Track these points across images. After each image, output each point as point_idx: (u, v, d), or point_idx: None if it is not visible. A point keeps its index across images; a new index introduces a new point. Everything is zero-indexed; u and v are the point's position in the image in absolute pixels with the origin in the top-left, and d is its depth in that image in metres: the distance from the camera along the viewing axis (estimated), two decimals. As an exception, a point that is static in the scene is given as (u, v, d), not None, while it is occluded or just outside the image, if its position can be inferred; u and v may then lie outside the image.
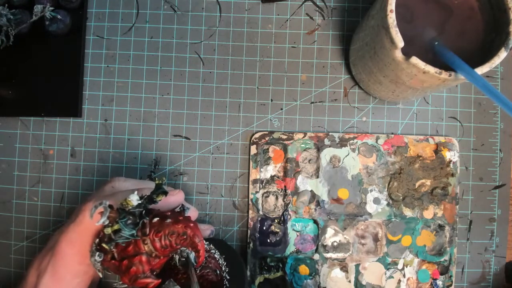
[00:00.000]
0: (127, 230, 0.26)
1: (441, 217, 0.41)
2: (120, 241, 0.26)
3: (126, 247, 0.26)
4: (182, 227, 0.27)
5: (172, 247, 0.27)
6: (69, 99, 0.42)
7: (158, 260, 0.27)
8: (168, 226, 0.26)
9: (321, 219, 0.41)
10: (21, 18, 0.40)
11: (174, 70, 0.43)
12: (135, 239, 0.26)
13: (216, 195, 0.42)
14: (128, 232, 0.26)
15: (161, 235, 0.26)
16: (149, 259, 0.26)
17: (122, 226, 0.26)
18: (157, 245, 0.26)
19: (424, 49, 0.31)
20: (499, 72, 0.43)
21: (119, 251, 0.26)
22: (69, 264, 0.29)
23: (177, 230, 0.26)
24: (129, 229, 0.26)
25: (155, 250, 0.26)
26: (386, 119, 0.43)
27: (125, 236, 0.26)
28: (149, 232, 0.26)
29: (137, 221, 0.26)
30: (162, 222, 0.27)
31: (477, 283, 0.42)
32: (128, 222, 0.26)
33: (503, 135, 0.43)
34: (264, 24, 0.43)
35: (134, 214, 0.26)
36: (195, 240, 0.27)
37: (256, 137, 0.41)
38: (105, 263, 0.27)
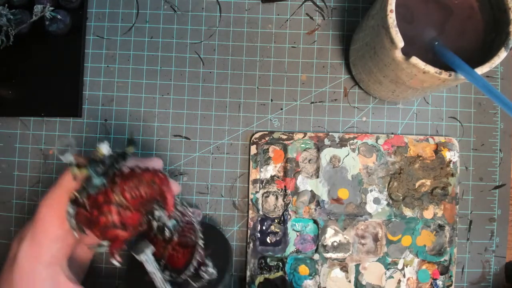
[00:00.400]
0: (97, 179, 0.26)
1: (441, 217, 0.41)
2: (91, 191, 0.26)
3: (97, 197, 0.26)
4: (150, 175, 0.27)
5: (141, 197, 0.27)
6: (69, 99, 0.42)
7: (130, 213, 0.27)
8: (138, 176, 0.27)
9: (321, 219, 0.41)
10: (21, 18, 0.40)
11: (174, 70, 0.43)
12: (105, 189, 0.26)
13: (216, 195, 0.42)
14: (98, 181, 0.26)
15: (130, 184, 0.26)
16: (119, 210, 0.26)
17: (92, 173, 0.26)
18: (126, 195, 0.26)
19: (424, 49, 0.31)
20: (499, 72, 0.43)
21: (90, 203, 0.26)
22: (47, 228, 0.29)
23: (146, 179, 0.27)
24: (99, 178, 0.26)
25: (126, 201, 0.26)
26: (386, 119, 0.43)
27: (96, 185, 0.26)
28: (119, 181, 0.26)
29: (107, 171, 0.26)
30: (132, 172, 0.27)
31: (477, 283, 0.42)
32: (99, 171, 0.26)
33: (503, 135, 0.43)
34: (264, 24, 0.43)
35: (104, 164, 0.26)
36: (163, 189, 0.27)
37: (256, 137, 0.41)
38: (78, 216, 0.27)
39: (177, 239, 0.32)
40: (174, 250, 0.33)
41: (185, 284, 0.33)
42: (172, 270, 0.33)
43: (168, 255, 0.33)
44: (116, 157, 0.27)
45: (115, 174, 0.27)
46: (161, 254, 0.32)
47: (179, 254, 0.33)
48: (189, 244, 0.33)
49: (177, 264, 0.33)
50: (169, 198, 0.28)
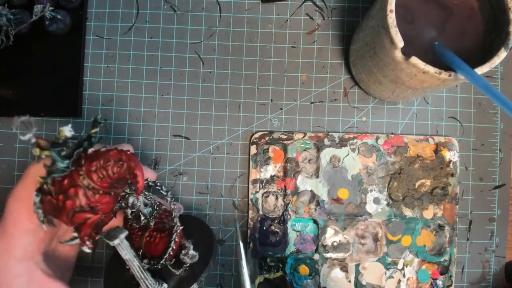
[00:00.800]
0: (61, 162, 0.25)
1: (441, 217, 0.41)
2: (56, 174, 0.25)
3: (62, 181, 0.25)
4: (116, 153, 0.26)
5: (109, 177, 0.26)
6: (69, 99, 0.42)
7: (98, 196, 0.26)
8: (103, 155, 0.26)
9: (321, 219, 0.41)
10: (21, 18, 0.40)
11: (174, 70, 0.43)
12: (71, 171, 0.25)
13: (216, 195, 0.42)
14: (63, 164, 0.25)
15: (95, 164, 0.25)
16: (86, 193, 0.25)
17: (56, 156, 0.25)
18: (93, 176, 0.25)
19: (424, 49, 0.31)
20: (499, 72, 0.43)
21: (56, 188, 0.25)
22: (17, 222, 0.28)
23: (112, 157, 0.26)
24: (64, 161, 0.25)
25: (92, 182, 0.25)
26: (386, 119, 0.43)
27: (60, 168, 0.25)
28: (84, 163, 0.25)
29: (71, 153, 0.25)
30: (97, 151, 0.26)
31: (477, 283, 0.42)
32: (63, 153, 0.25)
33: (503, 135, 0.43)
34: (264, 24, 0.43)
35: (68, 146, 0.25)
36: (131, 165, 0.26)
37: (256, 137, 0.41)
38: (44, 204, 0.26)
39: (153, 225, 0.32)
40: (151, 237, 0.32)
41: (166, 271, 0.32)
42: (151, 258, 0.32)
43: (145, 242, 0.32)
44: (81, 140, 0.26)
45: (80, 156, 0.26)
46: (138, 242, 0.32)
47: (156, 240, 0.32)
48: (166, 229, 0.32)
49: (155, 251, 0.32)
50: (139, 175, 0.27)
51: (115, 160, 0.26)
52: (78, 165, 0.25)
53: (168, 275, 0.32)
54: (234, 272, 0.42)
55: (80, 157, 0.26)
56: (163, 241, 0.32)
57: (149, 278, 0.31)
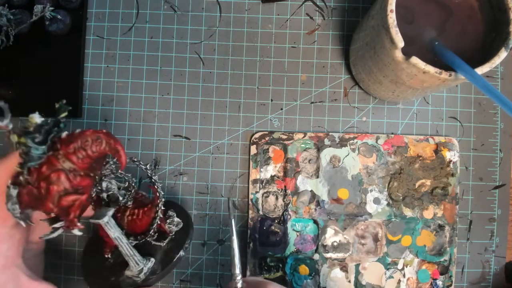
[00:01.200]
0: (36, 148, 0.25)
1: (441, 217, 0.41)
2: (33, 163, 0.25)
3: (40, 168, 0.25)
4: (93, 132, 0.26)
5: (89, 157, 0.26)
6: (69, 99, 0.42)
7: (80, 178, 0.26)
8: (79, 135, 0.26)
9: (321, 219, 0.41)
10: (21, 18, 0.40)
11: (174, 70, 0.43)
12: (48, 157, 0.25)
13: (216, 195, 0.42)
14: (38, 151, 0.25)
15: (73, 145, 0.25)
16: (68, 176, 0.25)
17: (31, 143, 0.24)
18: (72, 158, 0.25)
19: (424, 49, 0.31)
20: (499, 72, 0.43)
21: (34, 177, 0.25)
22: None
23: (90, 137, 0.26)
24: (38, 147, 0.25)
25: (73, 164, 0.25)
26: (386, 119, 0.43)
27: (37, 156, 0.25)
28: (60, 146, 0.25)
29: (45, 138, 0.25)
30: (72, 134, 0.26)
31: (477, 283, 0.42)
32: (36, 140, 0.25)
33: (503, 135, 0.43)
34: (264, 24, 0.43)
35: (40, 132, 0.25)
36: (110, 142, 0.26)
37: (256, 137, 0.41)
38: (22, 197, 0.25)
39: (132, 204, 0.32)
40: (134, 215, 0.32)
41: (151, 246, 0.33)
42: (136, 235, 0.33)
43: (128, 222, 0.32)
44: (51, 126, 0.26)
45: (55, 141, 0.25)
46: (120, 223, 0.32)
47: (139, 215, 0.32)
48: (146, 203, 0.33)
49: (140, 228, 0.32)
50: (120, 149, 0.26)
51: (93, 139, 0.26)
52: (55, 150, 0.25)
53: (154, 250, 0.33)
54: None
55: (55, 141, 0.25)
56: (147, 215, 0.32)
57: (138, 255, 0.31)
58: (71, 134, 0.26)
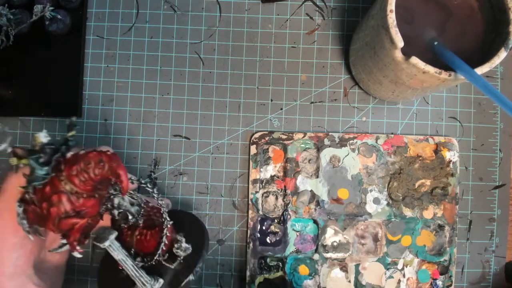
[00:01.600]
0: (40, 169, 0.24)
1: (441, 217, 0.41)
2: (37, 183, 0.25)
3: (43, 188, 0.25)
4: (96, 154, 0.25)
5: (92, 180, 0.25)
6: (69, 99, 0.42)
7: (82, 200, 0.25)
8: (82, 157, 0.25)
9: (321, 219, 0.41)
10: (21, 18, 0.40)
11: (174, 70, 0.43)
12: (51, 178, 0.25)
13: (216, 195, 0.42)
14: (42, 171, 0.24)
15: (76, 167, 0.25)
16: (70, 198, 0.25)
17: (34, 164, 0.24)
18: (75, 180, 0.25)
19: (424, 49, 0.31)
20: (499, 72, 0.43)
21: (38, 197, 0.25)
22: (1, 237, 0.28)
23: (92, 159, 0.25)
24: (43, 168, 0.25)
25: (75, 187, 0.25)
26: (386, 119, 0.43)
27: (40, 176, 0.24)
28: (64, 167, 0.25)
29: (50, 160, 0.25)
30: (76, 155, 0.25)
31: (477, 283, 0.42)
32: (41, 160, 0.25)
33: (503, 135, 0.43)
34: (264, 24, 0.43)
35: (45, 153, 0.25)
36: (112, 165, 0.25)
37: (256, 137, 0.41)
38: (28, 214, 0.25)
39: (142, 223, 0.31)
40: (142, 235, 0.31)
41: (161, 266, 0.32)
42: (144, 255, 0.32)
43: (136, 241, 0.31)
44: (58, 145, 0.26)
45: (59, 161, 0.25)
46: (129, 242, 0.31)
47: (147, 237, 0.31)
48: (156, 225, 0.32)
49: (147, 248, 0.32)
50: (122, 174, 0.26)
51: (96, 162, 0.25)
52: (58, 171, 0.25)
53: (163, 270, 0.32)
54: (234, 272, 0.42)
55: (59, 162, 0.25)
56: (154, 238, 0.31)
57: (144, 276, 0.30)
58: (75, 155, 0.25)
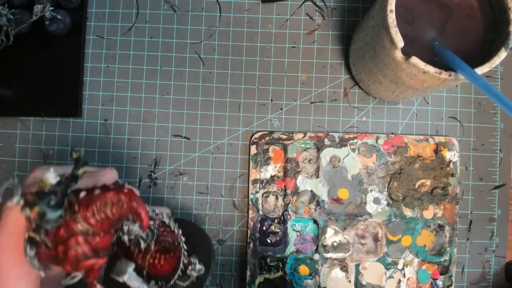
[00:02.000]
0: (52, 212, 0.23)
1: (441, 217, 0.41)
2: (49, 226, 0.23)
3: (57, 231, 0.24)
4: (114, 194, 0.24)
5: (110, 219, 0.24)
6: (69, 99, 0.42)
7: (99, 238, 0.25)
8: (99, 198, 0.24)
9: (321, 219, 0.41)
10: (21, 18, 0.40)
11: (174, 70, 0.43)
12: (65, 220, 0.24)
13: (216, 195, 0.42)
14: (54, 214, 0.23)
15: (92, 208, 0.24)
16: (87, 239, 0.24)
17: (46, 208, 0.23)
18: (91, 221, 0.24)
19: (424, 49, 0.31)
20: (499, 72, 0.43)
21: (51, 239, 0.24)
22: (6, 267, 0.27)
23: (110, 199, 0.24)
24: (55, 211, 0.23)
25: (91, 227, 0.24)
26: (386, 119, 0.43)
27: (53, 219, 0.23)
28: (78, 209, 0.24)
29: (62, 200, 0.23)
30: (91, 195, 0.24)
31: (477, 283, 0.42)
32: (52, 203, 0.23)
33: (503, 135, 0.43)
34: (264, 24, 0.43)
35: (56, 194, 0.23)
36: (132, 205, 0.25)
37: (256, 137, 0.41)
38: (40, 255, 0.24)
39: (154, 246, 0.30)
40: (155, 258, 0.31)
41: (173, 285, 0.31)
42: (157, 278, 0.31)
43: (149, 264, 0.31)
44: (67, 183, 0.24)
45: (72, 202, 0.24)
46: (141, 265, 0.31)
47: (161, 260, 0.31)
48: (168, 247, 0.31)
49: (161, 271, 0.31)
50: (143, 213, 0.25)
51: (114, 202, 0.24)
52: (72, 212, 0.24)
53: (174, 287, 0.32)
54: (234, 272, 0.42)
55: (72, 203, 0.24)
56: (168, 263, 0.31)
57: None
58: (90, 195, 0.24)
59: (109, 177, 0.29)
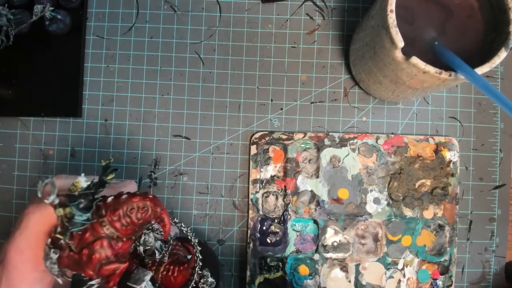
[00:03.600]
0: (81, 215, 0.24)
1: (441, 217, 0.41)
2: (76, 229, 0.24)
3: (83, 234, 0.24)
4: (140, 199, 0.25)
5: (134, 224, 0.25)
6: (69, 99, 0.42)
7: (122, 243, 0.25)
8: (126, 202, 0.25)
9: (321, 219, 0.41)
10: (21, 18, 0.40)
11: (174, 70, 0.43)
12: (92, 223, 0.24)
13: (216, 195, 0.42)
14: (82, 217, 0.24)
15: (119, 213, 0.24)
16: (111, 243, 0.24)
17: (75, 210, 0.24)
18: (117, 225, 0.24)
19: (424, 50, 0.31)
20: (499, 72, 0.43)
21: (76, 242, 0.24)
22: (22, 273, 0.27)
23: (136, 204, 0.25)
24: (83, 214, 0.24)
25: (116, 231, 0.25)
26: (386, 119, 0.43)
27: (80, 222, 0.24)
28: (105, 212, 0.24)
29: (90, 204, 0.24)
30: (118, 199, 0.25)
31: (477, 283, 0.42)
32: (81, 206, 0.24)
33: (503, 135, 0.43)
34: (264, 24, 0.43)
35: (85, 197, 0.24)
36: (157, 210, 0.26)
37: (256, 137, 0.41)
38: (62, 260, 0.25)
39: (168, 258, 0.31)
40: (168, 271, 0.31)
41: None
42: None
43: (162, 276, 0.31)
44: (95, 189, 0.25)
45: (99, 206, 0.25)
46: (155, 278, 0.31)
47: (175, 273, 0.31)
48: (181, 260, 0.32)
49: (175, 285, 0.31)
50: (165, 218, 0.26)
51: (140, 206, 0.25)
52: (99, 216, 0.24)
53: None
54: (234, 272, 0.42)
55: (99, 207, 0.25)
56: (182, 274, 0.31)
57: None
58: (117, 200, 0.25)
59: (129, 188, 0.30)
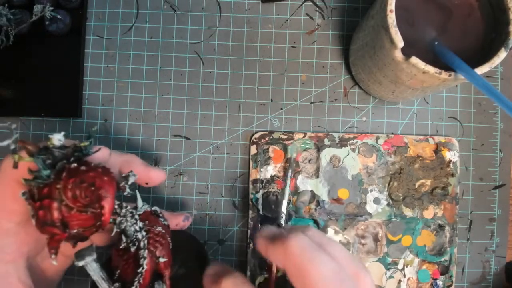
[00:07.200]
0: (43, 170, 0.24)
1: (441, 217, 0.41)
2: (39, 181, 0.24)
3: (43, 188, 0.24)
4: (92, 176, 0.24)
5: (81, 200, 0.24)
6: (69, 99, 0.42)
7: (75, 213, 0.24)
8: (81, 173, 0.24)
9: (321, 219, 0.41)
10: (21, 18, 0.40)
11: (174, 70, 0.43)
12: (51, 182, 0.24)
13: (216, 195, 0.42)
14: (44, 172, 0.24)
15: (72, 181, 0.23)
16: (60, 207, 0.24)
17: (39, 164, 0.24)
18: (68, 193, 0.24)
19: (424, 50, 0.31)
20: (499, 72, 0.43)
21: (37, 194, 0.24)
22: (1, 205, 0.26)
23: (87, 179, 0.23)
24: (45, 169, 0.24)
25: (66, 199, 0.24)
26: (386, 119, 0.43)
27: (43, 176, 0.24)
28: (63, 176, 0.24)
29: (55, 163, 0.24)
30: (78, 168, 0.24)
31: (477, 283, 0.42)
32: (47, 161, 0.24)
33: (503, 135, 0.43)
34: (264, 24, 0.43)
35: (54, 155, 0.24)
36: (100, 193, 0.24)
37: (256, 137, 0.41)
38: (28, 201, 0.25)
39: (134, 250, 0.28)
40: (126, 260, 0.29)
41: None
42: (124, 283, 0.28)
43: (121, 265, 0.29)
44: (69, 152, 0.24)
45: (63, 168, 0.24)
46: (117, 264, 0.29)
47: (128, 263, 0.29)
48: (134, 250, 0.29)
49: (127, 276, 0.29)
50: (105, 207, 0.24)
51: (89, 183, 0.23)
52: (58, 178, 0.24)
53: None
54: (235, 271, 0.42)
55: (63, 169, 0.24)
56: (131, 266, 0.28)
57: None
58: (77, 168, 0.24)
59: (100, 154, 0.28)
